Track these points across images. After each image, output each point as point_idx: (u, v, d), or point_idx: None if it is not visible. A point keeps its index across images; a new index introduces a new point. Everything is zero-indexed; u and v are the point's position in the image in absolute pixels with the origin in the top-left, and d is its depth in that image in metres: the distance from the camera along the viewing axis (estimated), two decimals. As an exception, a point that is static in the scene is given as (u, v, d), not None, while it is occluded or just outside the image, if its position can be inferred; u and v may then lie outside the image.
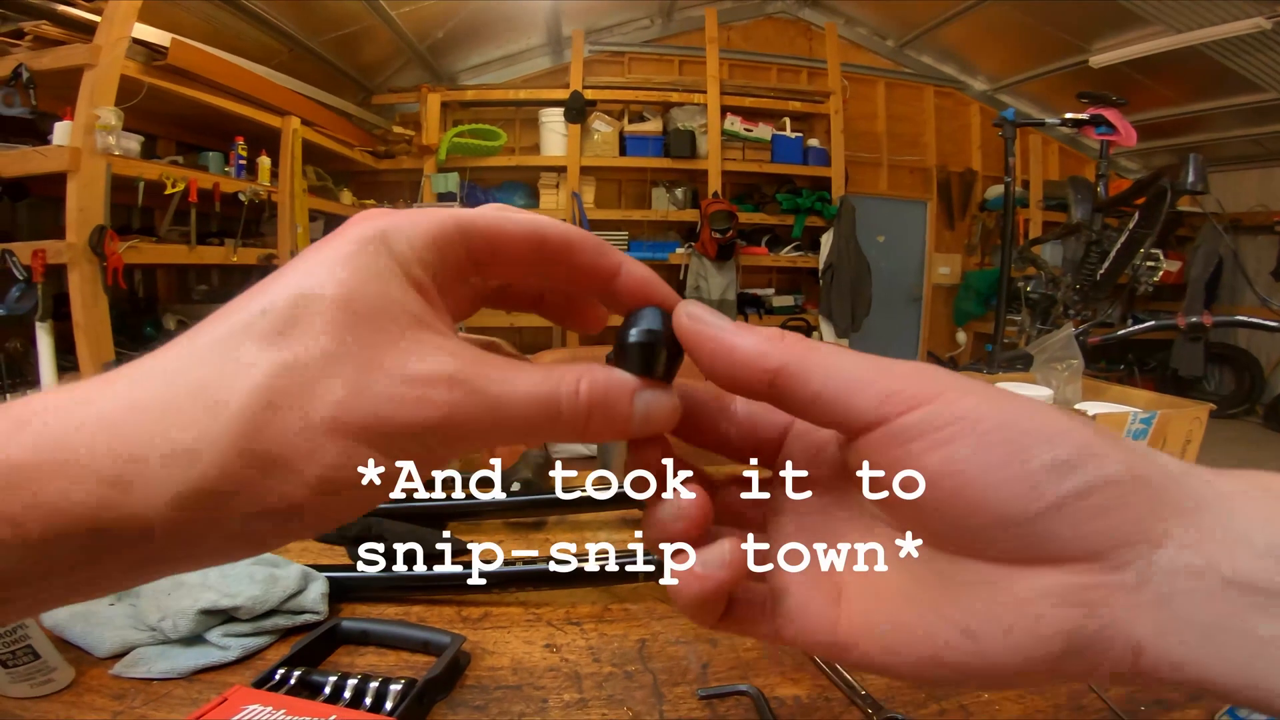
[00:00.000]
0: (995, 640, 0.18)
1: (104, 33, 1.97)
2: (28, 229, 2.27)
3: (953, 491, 0.18)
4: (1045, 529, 0.17)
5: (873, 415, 0.19)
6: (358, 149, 3.84)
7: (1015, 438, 0.17)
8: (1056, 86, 4.21)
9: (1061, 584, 0.17)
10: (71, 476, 0.15)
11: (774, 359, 0.19)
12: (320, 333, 0.17)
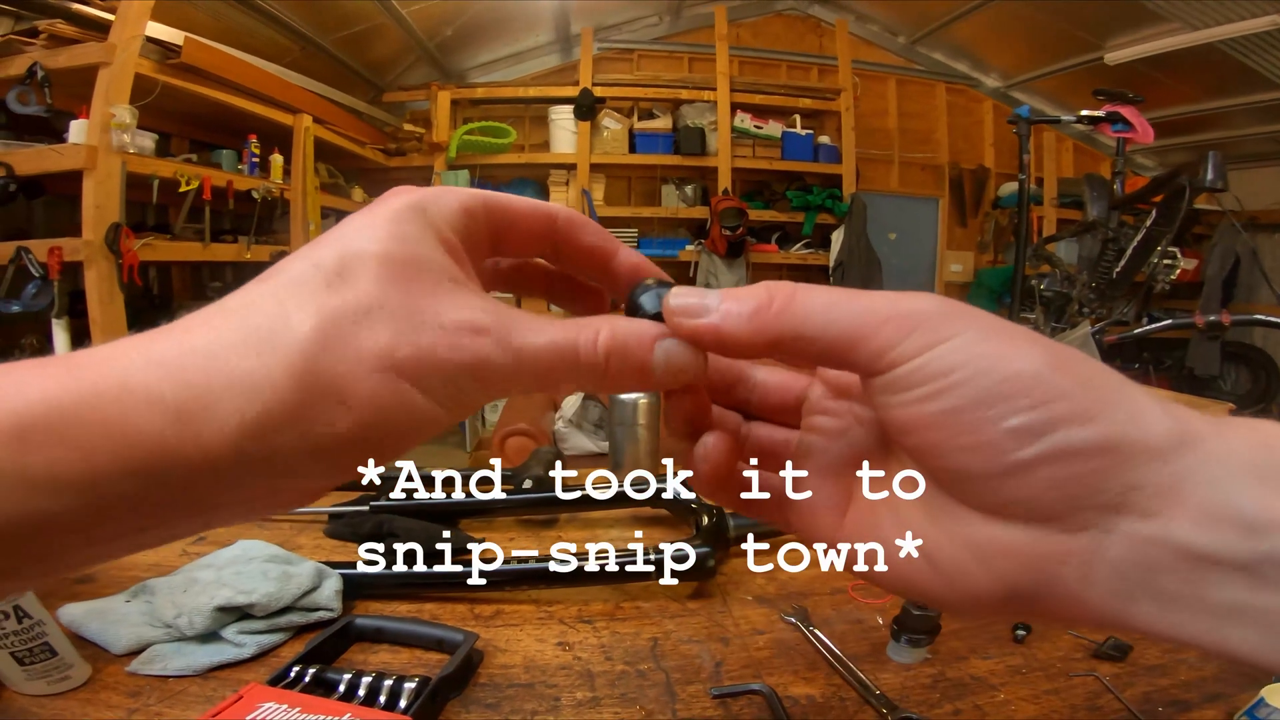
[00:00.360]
0: (948, 573, 0.20)
1: (118, 31, 1.99)
2: (44, 227, 2.30)
3: (926, 446, 0.19)
4: (1005, 488, 0.18)
5: (871, 366, 0.20)
6: (369, 146, 3.86)
7: (993, 400, 0.18)
8: (1071, 83, 4.16)
9: (1014, 539, 0.18)
10: (140, 408, 0.16)
11: (769, 331, 0.20)
12: (367, 283, 0.19)
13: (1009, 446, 0.18)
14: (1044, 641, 0.59)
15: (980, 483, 0.19)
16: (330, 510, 0.80)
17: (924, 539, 0.21)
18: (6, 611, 0.47)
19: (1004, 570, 0.19)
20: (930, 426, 0.19)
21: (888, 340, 0.19)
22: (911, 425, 0.19)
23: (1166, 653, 0.57)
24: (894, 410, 0.20)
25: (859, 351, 0.20)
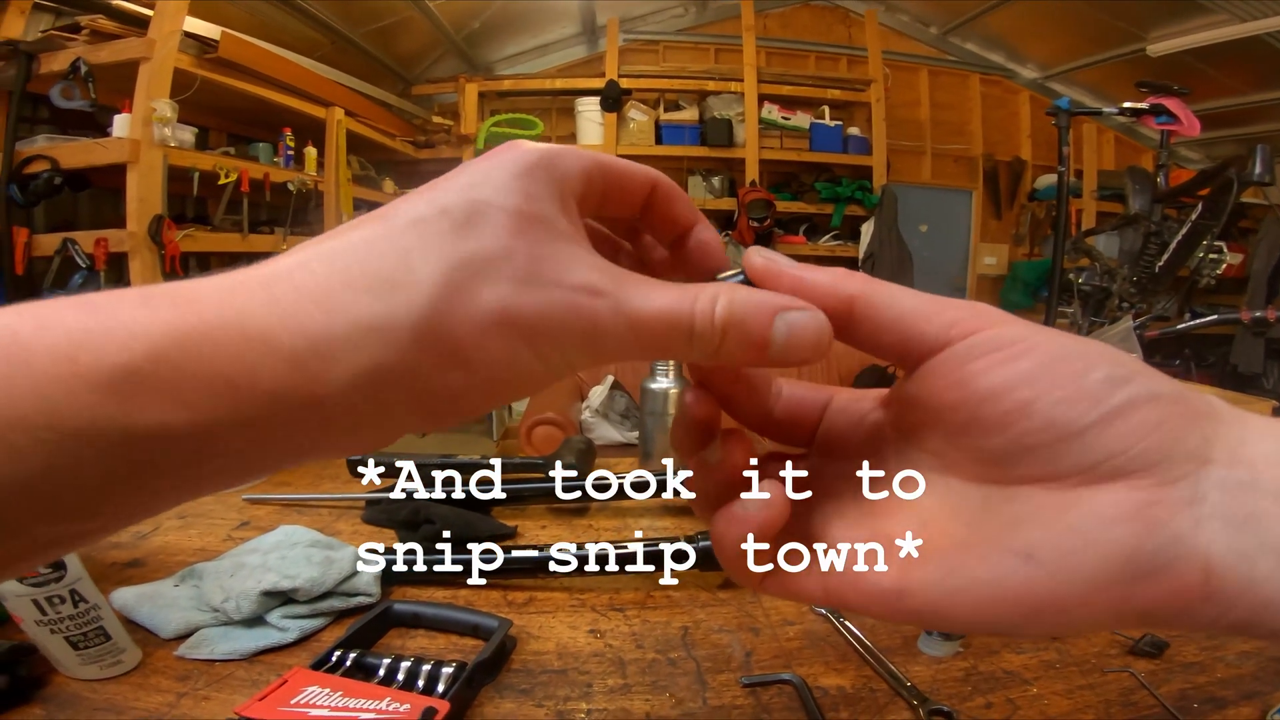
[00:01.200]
0: (1057, 565, 0.18)
1: (157, 26, 2.04)
2: (89, 219, 2.37)
3: (1016, 406, 0.18)
4: (1099, 441, 0.17)
5: (940, 338, 0.20)
6: (398, 139, 3.90)
7: (1072, 357, 0.18)
8: (1112, 75, 4.05)
9: (1119, 500, 0.17)
10: (258, 357, 0.15)
11: (849, 288, 0.20)
12: (495, 235, 0.18)
13: (1102, 394, 0.18)
14: (1078, 638, 0.58)
15: (1074, 438, 0.18)
16: (368, 496, 0.82)
17: (1015, 542, 0.19)
18: (63, 596, 0.48)
19: (1118, 538, 0.17)
20: (1023, 383, 0.18)
21: (954, 315, 0.20)
22: (1001, 386, 0.18)
23: (1204, 650, 0.56)
24: (979, 378, 0.19)
25: (930, 323, 0.20)
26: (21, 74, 1.94)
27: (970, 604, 0.19)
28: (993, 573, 0.19)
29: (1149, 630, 0.56)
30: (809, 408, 0.26)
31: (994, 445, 0.19)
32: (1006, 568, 0.18)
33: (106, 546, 0.73)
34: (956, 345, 0.19)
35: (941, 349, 0.20)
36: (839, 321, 0.20)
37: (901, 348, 0.20)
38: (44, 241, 2.00)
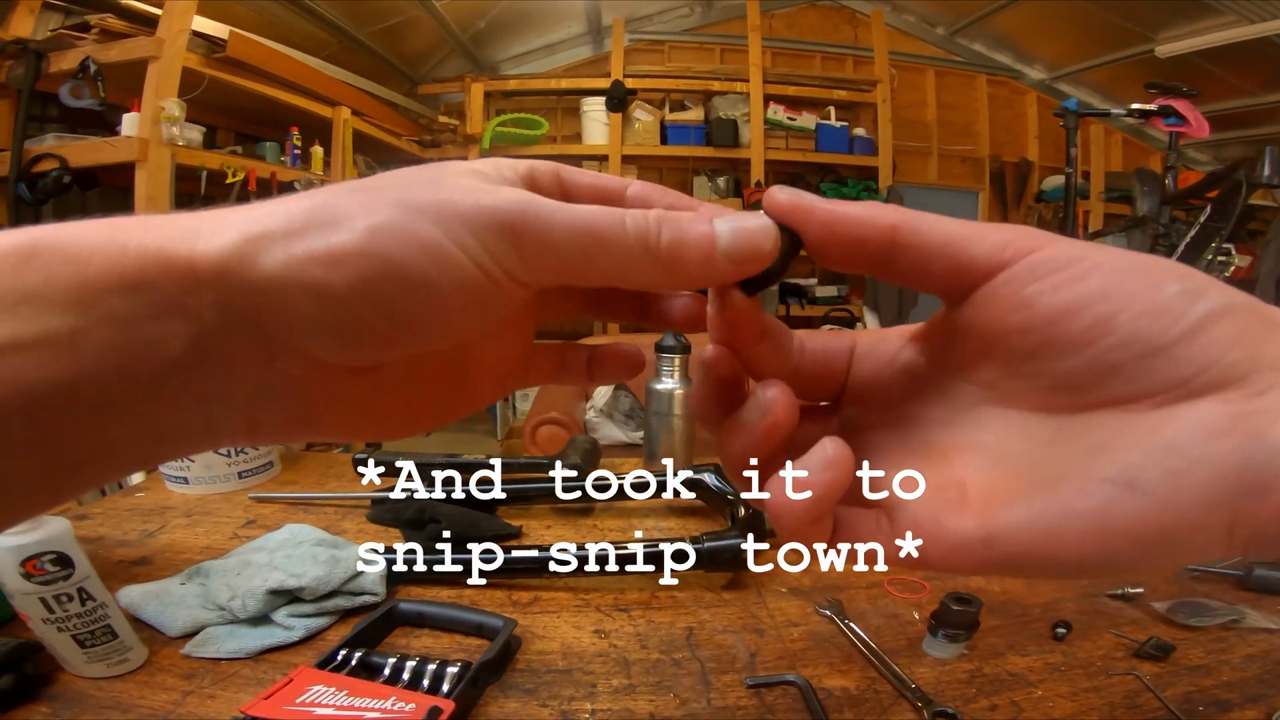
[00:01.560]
0: (1164, 489, 0.16)
1: (165, 25, 2.04)
2: (97, 217, 2.38)
3: (1095, 322, 0.17)
4: (1187, 354, 0.16)
5: (994, 260, 0.18)
6: (405, 138, 3.91)
7: (1142, 271, 0.17)
8: (1120, 76, 4.03)
9: (1214, 414, 0.16)
10: (145, 230, 0.18)
11: (888, 217, 0.19)
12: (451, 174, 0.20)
13: (1183, 306, 0.16)
14: (1084, 640, 0.58)
15: (1159, 354, 0.17)
16: (373, 495, 0.83)
17: (1114, 470, 0.17)
18: (71, 594, 0.48)
19: (1224, 453, 0.16)
20: (1098, 298, 0.17)
21: (1004, 236, 0.18)
22: (1075, 304, 0.17)
23: (1210, 653, 0.56)
24: (1047, 296, 0.18)
25: (980, 245, 0.18)
26: (31, 72, 1.94)
27: (1072, 542, 0.17)
28: (1090, 504, 0.17)
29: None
30: (834, 357, 0.24)
31: (1070, 367, 0.18)
32: (1106, 498, 0.17)
33: (113, 544, 0.73)
34: (1015, 266, 0.18)
35: (997, 271, 0.18)
36: (882, 254, 0.19)
37: (951, 274, 0.19)
38: (53, 240, 2.01)
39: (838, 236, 0.19)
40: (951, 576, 0.69)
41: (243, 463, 0.90)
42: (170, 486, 0.90)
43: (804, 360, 0.24)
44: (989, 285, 0.19)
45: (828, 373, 0.24)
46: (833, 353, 0.24)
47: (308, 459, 1.04)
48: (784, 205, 0.20)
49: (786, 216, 0.20)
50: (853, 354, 0.24)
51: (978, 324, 0.19)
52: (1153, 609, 0.62)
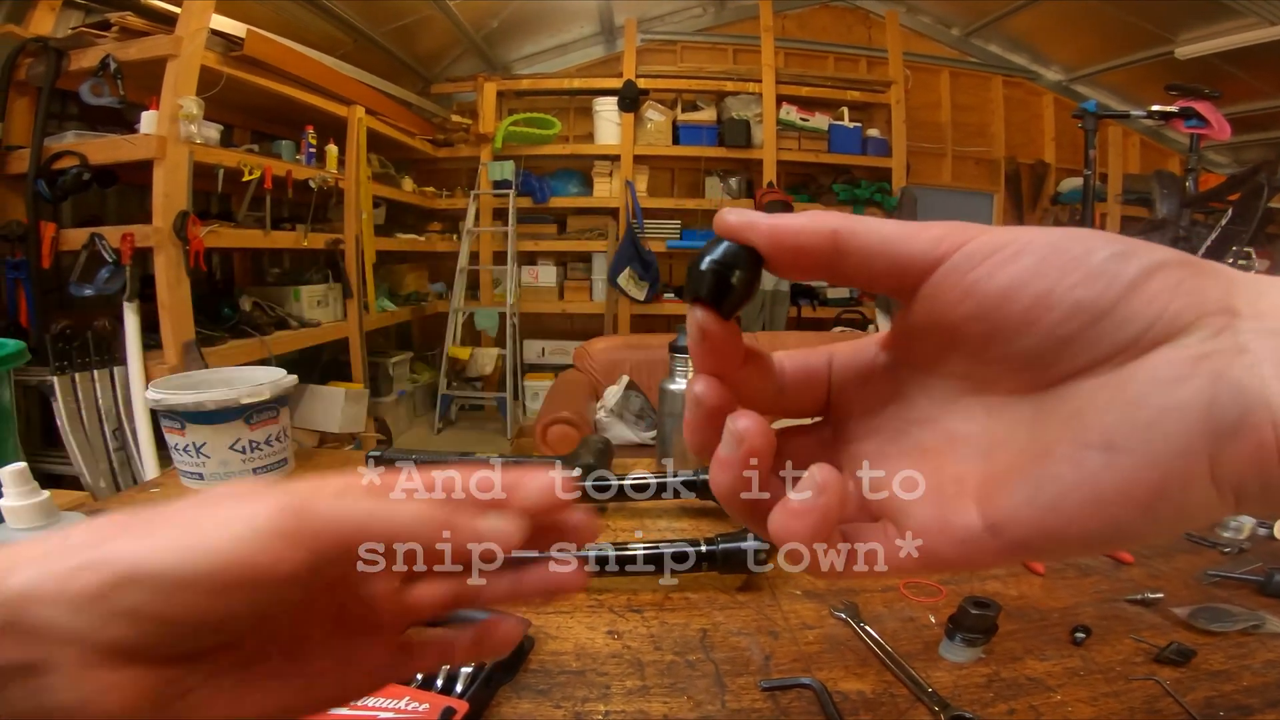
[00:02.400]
0: (1139, 444, 0.17)
1: (184, 24, 2.06)
2: (115, 214, 2.41)
3: (1035, 300, 0.18)
4: (1130, 313, 0.17)
5: (930, 255, 0.19)
6: (418, 137, 3.94)
7: (1070, 245, 0.18)
8: (1139, 77, 3.99)
9: (1173, 360, 0.17)
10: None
11: (827, 223, 0.20)
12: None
13: (1114, 269, 0.17)
14: (1104, 645, 0.57)
15: (1108, 316, 0.17)
16: (386, 492, 0.83)
17: (1092, 435, 0.17)
18: None
19: (1185, 397, 0.16)
20: (1032, 277, 0.18)
21: (936, 232, 0.19)
22: (1011, 285, 0.18)
23: (1231, 658, 0.55)
24: (985, 283, 0.18)
25: (915, 241, 0.19)
26: (51, 70, 1.96)
27: (1072, 514, 0.18)
28: (1081, 473, 0.17)
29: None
30: (814, 373, 0.25)
31: (1025, 347, 0.18)
32: (1093, 464, 0.17)
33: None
34: (952, 258, 0.19)
35: (935, 266, 0.19)
36: (826, 259, 0.20)
37: (894, 272, 0.20)
38: (71, 236, 2.03)
39: (784, 247, 0.20)
40: (968, 579, 0.69)
41: (257, 459, 0.90)
42: (186, 482, 0.90)
43: (786, 381, 0.24)
44: (932, 280, 0.19)
45: (811, 389, 0.25)
46: (812, 369, 0.25)
47: (321, 456, 1.05)
48: (733, 225, 0.21)
49: (738, 235, 0.21)
50: (831, 367, 0.25)
51: (932, 319, 0.20)
52: (1173, 614, 0.61)
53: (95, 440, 1.97)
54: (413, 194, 3.96)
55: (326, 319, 3.02)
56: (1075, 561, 0.73)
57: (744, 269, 0.21)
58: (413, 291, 4.11)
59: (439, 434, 3.89)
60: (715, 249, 0.21)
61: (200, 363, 2.08)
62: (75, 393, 1.93)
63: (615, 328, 4.14)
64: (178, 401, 0.85)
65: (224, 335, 2.35)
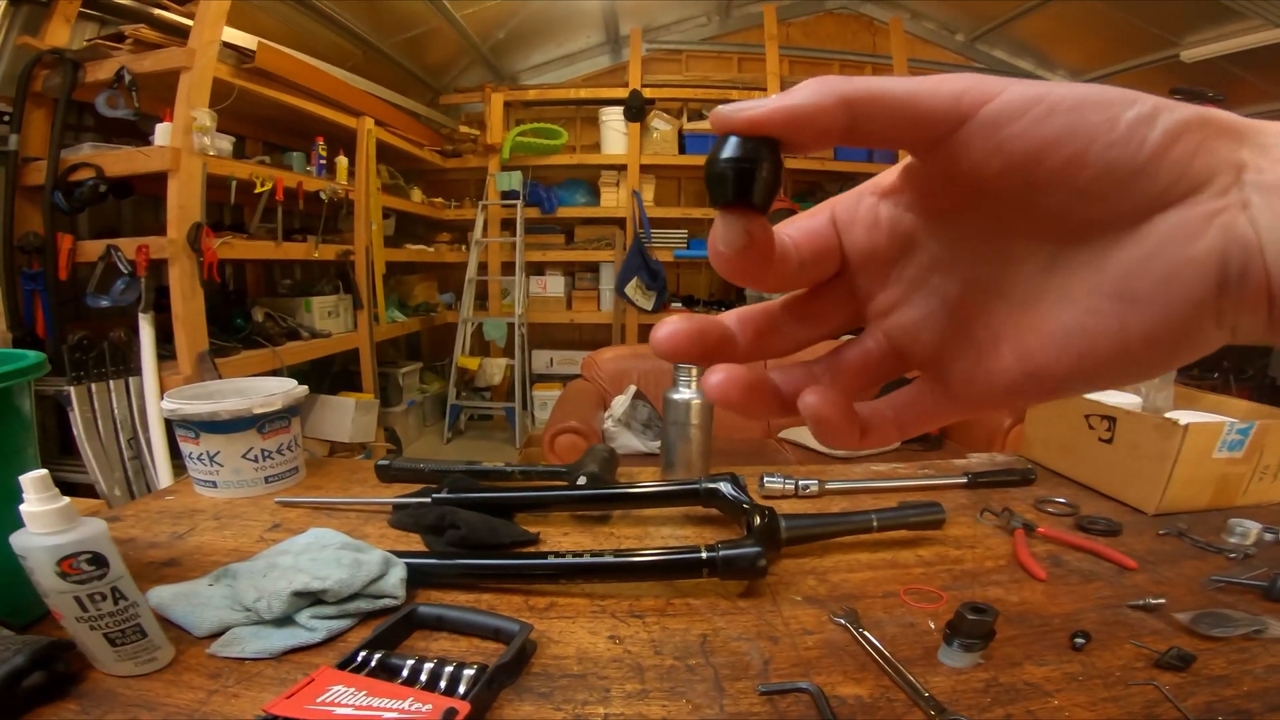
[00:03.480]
0: (1160, 295, 0.18)
1: (196, 35, 2.08)
2: (131, 225, 2.44)
3: (1070, 160, 0.18)
4: (1159, 171, 0.18)
5: (955, 111, 0.19)
6: (426, 148, 3.97)
7: (1097, 104, 0.18)
8: (1146, 81, 3.97)
9: (1189, 216, 0.18)
10: None
11: (836, 89, 0.19)
12: None
13: (1142, 131, 0.18)
14: (1104, 651, 0.58)
15: (1138, 175, 0.18)
16: (395, 501, 0.84)
17: (1115, 285, 0.19)
18: (104, 593, 0.49)
19: (1201, 251, 0.17)
20: (1066, 138, 0.18)
21: (957, 86, 0.19)
22: (1046, 144, 0.18)
23: (1231, 664, 0.56)
24: (1018, 140, 0.18)
25: (936, 97, 0.19)
26: (67, 82, 1.99)
27: (1100, 360, 0.19)
28: (1105, 323, 0.19)
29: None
30: (824, 237, 0.23)
31: (1054, 202, 0.19)
32: (1115, 314, 0.19)
33: (145, 546, 0.75)
34: (981, 114, 0.19)
35: (961, 121, 0.19)
36: (843, 127, 0.19)
37: (915, 129, 0.19)
38: (88, 247, 2.06)
39: (799, 126, 0.19)
40: (969, 585, 0.69)
41: (269, 468, 0.92)
42: (199, 490, 0.92)
43: (804, 255, 0.23)
44: (960, 134, 0.19)
45: (823, 253, 0.23)
46: (819, 233, 0.24)
47: (332, 465, 1.06)
48: (739, 120, 0.19)
49: (747, 128, 0.19)
50: (835, 224, 0.24)
51: (958, 172, 0.20)
52: (1175, 620, 0.62)
53: (110, 449, 2.00)
54: (422, 205, 4.00)
55: (337, 329, 3.05)
56: (1077, 568, 0.74)
57: (768, 158, 0.19)
58: (422, 302, 4.14)
59: (448, 443, 3.91)
60: (729, 146, 0.19)
61: (214, 373, 2.10)
62: (91, 402, 1.96)
63: (623, 337, 4.15)
64: (192, 411, 0.87)
65: (237, 346, 2.38)
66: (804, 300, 0.24)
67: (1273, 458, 0.90)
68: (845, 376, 0.24)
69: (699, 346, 0.22)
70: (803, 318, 0.24)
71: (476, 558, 0.68)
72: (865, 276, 0.24)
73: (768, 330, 0.24)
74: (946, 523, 0.80)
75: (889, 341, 0.24)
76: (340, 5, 3.16)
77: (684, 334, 0.22)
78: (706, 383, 0.22)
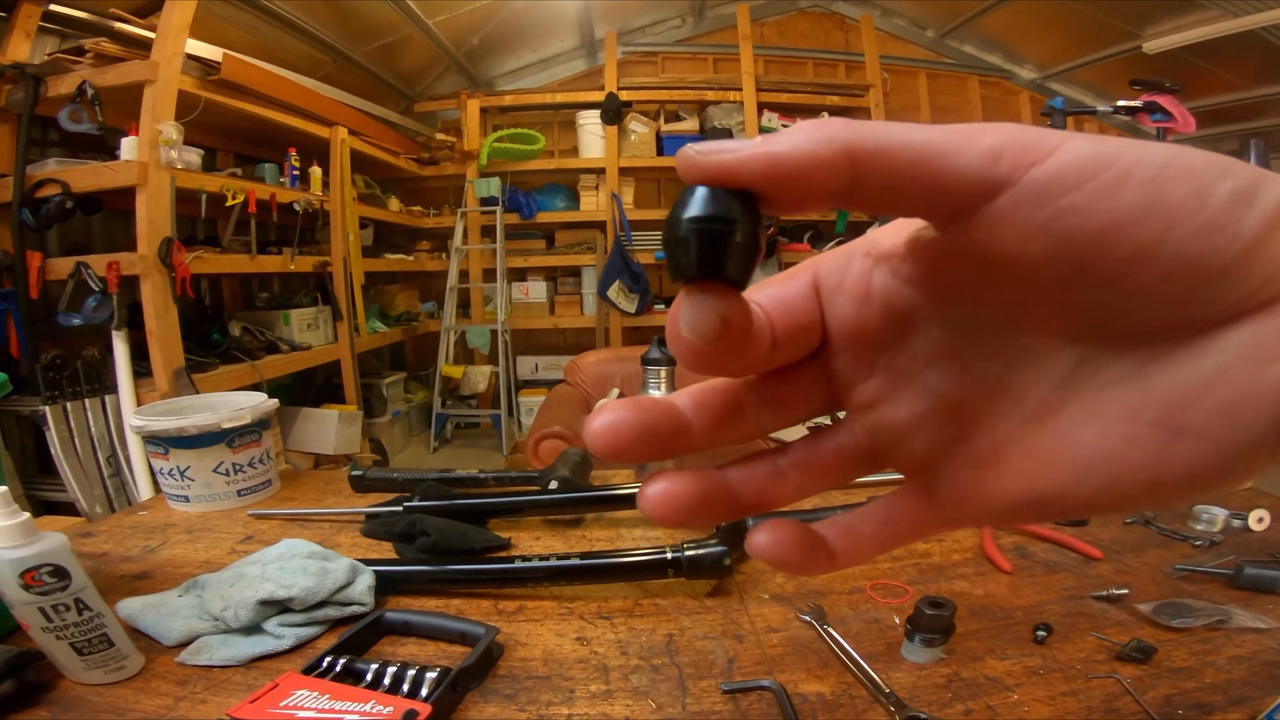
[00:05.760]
0: (1218, 430, 0.14)
1: (159, 49, 2.05)
2: (101, 242, 2.41)
3: (1134, 252, 0.14)
4: (1247, 272, 0.14)
5: (989, 176, 0.14)
6: (403, 156, 3.95)
7: (1184, 173, 0.14)
8: (1111, 73, 4.04)
9: (1267, 333, 0.14)
10: None
11: (837, 136, 0.15)
12: None
13: (1238, 214, 0.13)
14: (1065, 643, 0.58)
15: (1221, 276, 0.14)
16: (367, 510, 0.84)
17: (1159, 413, 0.15)
18: (68, 604, 0.51)
19: (1272, 380, 0.14)
20: (1141, 218, 0.13)
21: (993, 141, 0.14)
22: (1106, 229, 0.14)
23: (1193, 655, 0.56)
24: (1068, 220, 0.14)
25: (964, 157, 0.14)
26: (30, 97, 1.96)
27: (1126, 494, 0.15)
28: (1141, 456, 0.15)
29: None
30: (803, 311, 0.19)
31: (1107, 300, 0.15)
32: (1156, 446, 0.15)
33: (117, 560, 0.75)
34: (1027, 179, 0.14)
35: (996, 191, 0.14)
36: (841, 186, 0.15)
37: (931, 197, 0.15)
38: (57, 265, 2.03)
39: (786, 182, 0.15)
40: (935, 578, 0.70)
41: (241, 481, 0.92)
42: (172, 505, 0.92)
43: (777, 334, 0.19)
44: (992, 208, 0.14)
45: (801, 329, 0.19)
46: (797, 306, 0.19)
47: (307, 477, 1.06)
48: (710, 165, 0.15)
49: (721, 177, 0.15)
50: (818, 291, 0.19)
51: (985, 252, 0.15)
52: (1137, 610, 0.62)
53: (89, 467, 1.97)
54: (399, 214, 3.98)
55: (317, 342, 3.03)
56: (1043, 559, 0.74)
57: (744, 217, 0.15)
58: (404, 312, 4.12)
59: (435, 453, 3.89)
60: (695, 201, 0.15)
61: (191, 389, 2.08)
62: (67, 421, 1.93)
63: (607, 341, 4.15)
64: (160, 427, 0.86)
65: (214, 361, 2.36)
66: (773, 381, 0.20)
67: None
68: (816, 474, 0.20)
69: (645, 444, 0.18)
70: (770, 402, 0.20)
71: (445, 564, 0.68)
72: (847, 359, 0.19)
73: (728, 416, 0.20)
74: (914, 515, 0.81)
75: (870, 439, 0.20)
76: (309, 15, 3.14)
77: (626, 430, 0.17)
78: (644, 496, 0.18)
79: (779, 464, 0.20)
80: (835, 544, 0.20)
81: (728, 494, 0.19)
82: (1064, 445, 0.16)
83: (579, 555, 0.65)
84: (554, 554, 0.67)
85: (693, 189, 0.15)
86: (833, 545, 0.20)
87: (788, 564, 0.19)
